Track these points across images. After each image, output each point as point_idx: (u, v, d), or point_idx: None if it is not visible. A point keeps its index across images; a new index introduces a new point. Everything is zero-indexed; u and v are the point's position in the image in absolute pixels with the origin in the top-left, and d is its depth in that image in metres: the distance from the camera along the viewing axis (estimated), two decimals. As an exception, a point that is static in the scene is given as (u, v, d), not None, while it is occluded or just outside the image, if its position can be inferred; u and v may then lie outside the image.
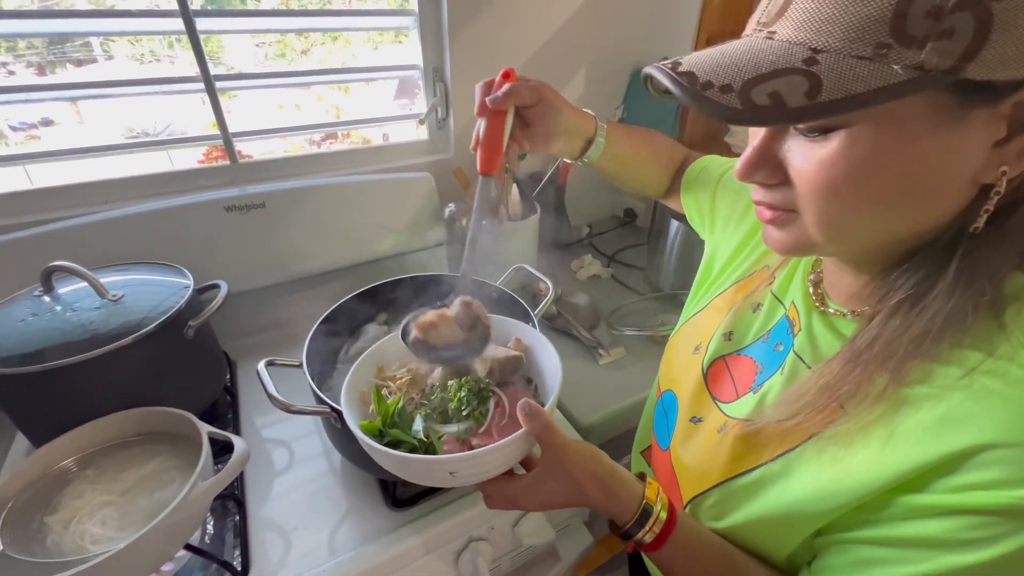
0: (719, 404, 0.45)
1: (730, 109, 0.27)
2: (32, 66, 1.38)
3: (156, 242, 0.78)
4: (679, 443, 0.48)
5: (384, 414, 0.45)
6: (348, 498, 0.65)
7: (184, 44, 0.80)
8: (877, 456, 0.32)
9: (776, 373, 0.41)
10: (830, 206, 0.31)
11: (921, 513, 0.30)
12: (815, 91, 0.26)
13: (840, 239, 0.33)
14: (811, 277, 0.43)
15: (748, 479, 0.39)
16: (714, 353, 0.48)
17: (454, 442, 0.44)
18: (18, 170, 0.88)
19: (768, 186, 0.34)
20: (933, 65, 0.24)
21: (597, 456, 0.42)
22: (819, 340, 0.39)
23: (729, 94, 0.28)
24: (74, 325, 0.58)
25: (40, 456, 0.55)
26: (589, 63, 1.15)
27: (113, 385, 0.59)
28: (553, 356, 0.49)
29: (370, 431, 0.44)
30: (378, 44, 1.22)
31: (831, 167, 0.29)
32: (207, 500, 0.51)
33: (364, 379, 0.50)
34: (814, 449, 0.35)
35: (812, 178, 0.30)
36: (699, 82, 0.29)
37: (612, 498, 0.40)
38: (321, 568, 0.55)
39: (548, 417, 0.40)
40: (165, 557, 0.51)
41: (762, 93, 0.27)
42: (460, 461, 0.40)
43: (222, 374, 0.77)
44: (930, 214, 0.30)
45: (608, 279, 1.13)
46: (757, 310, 0.47)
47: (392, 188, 0.94)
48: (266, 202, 0.84)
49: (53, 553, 0.48)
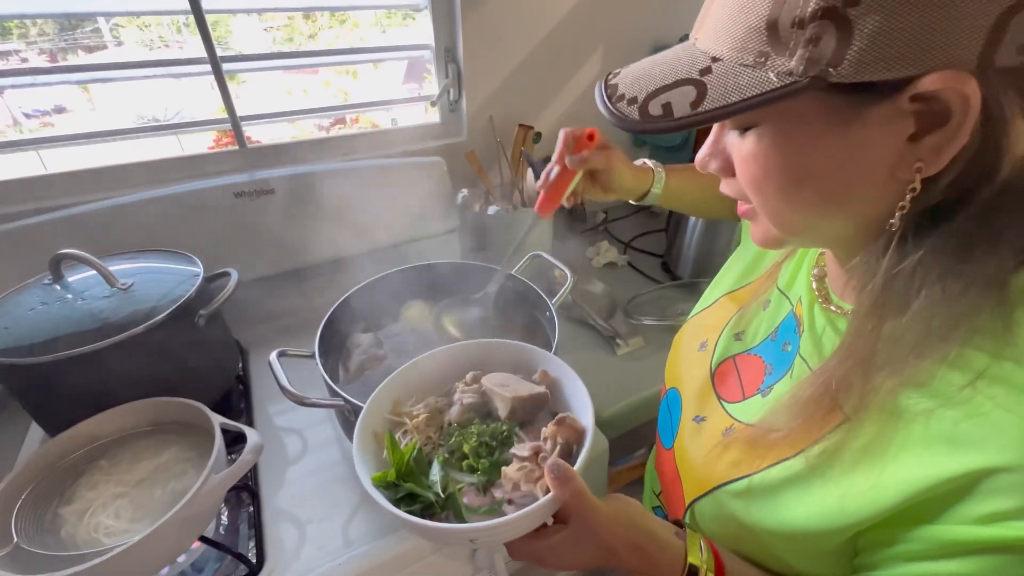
0: (724, 404, 0.44)
1: (629, 120, 0.30)
2: (44, 53, 1.37)
3: (165, 229, 0.77)
4: (683, 443, 0.46)
5: (398, 463, 0.41)
6: (362, 489, 0.63)
7: (192, 29, 0.78)
8: (878, 475, 0.30)
9: (786, 376, 0.40)
10: (761, 199, 0.32)
11: (953, 550, 0.28)
12: (699, 100, 0.28)
13: (792, 231, 0.33)
14: (815, 271, 0.41)
15: (740, 485, 0.37)
16: (723, 353, 0.47)
17: (474, 493, 0.40)
18: (31, 156, 0.87)
19: (726, 177, 0.35)
20: (801, 72, 0.25)
21: (632, 519, 0.38)
22: (822, 340, 0.38)
23: (632, 106, 0.30)
24: (84, 314, 0.57)
25: (54, 446, 0.54)
26: (606, 41, 1.10)
27: (125, 375, 0.58)
28: (581, 390, 0.44)
29: (383, 484, 0.40)
30: (386, 27, 1.19)
31: (749, 162, 0.31)
32: (221, 492, 0.51)
33: (378, 416, 0.45)
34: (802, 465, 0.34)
35: (741, 172, 0.32)
36: (616, 94, 0.31)
37: (650, 563, 0.37)
38: (337, 562, 0.55)
39: (578, 481, 0.36)
40: (180, 550, 0.51)
41: (657, 104, 0.29)
42: (481, 531, 0.36)
43: (234, 363, 0.76)
44: (863, 208, 0.30)
45: (625, 267, 1.10)
46: (766, 307, 0.46)
47: (403, 173, 0.92)
48: (276, 188, 0.82)
49: (68, 545, 0.48)
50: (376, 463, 0.43)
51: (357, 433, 0.42)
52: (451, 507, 0.39)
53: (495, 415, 0.45)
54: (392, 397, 0.47)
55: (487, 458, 0.41)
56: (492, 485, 0.40)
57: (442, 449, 0.43)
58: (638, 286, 1.02)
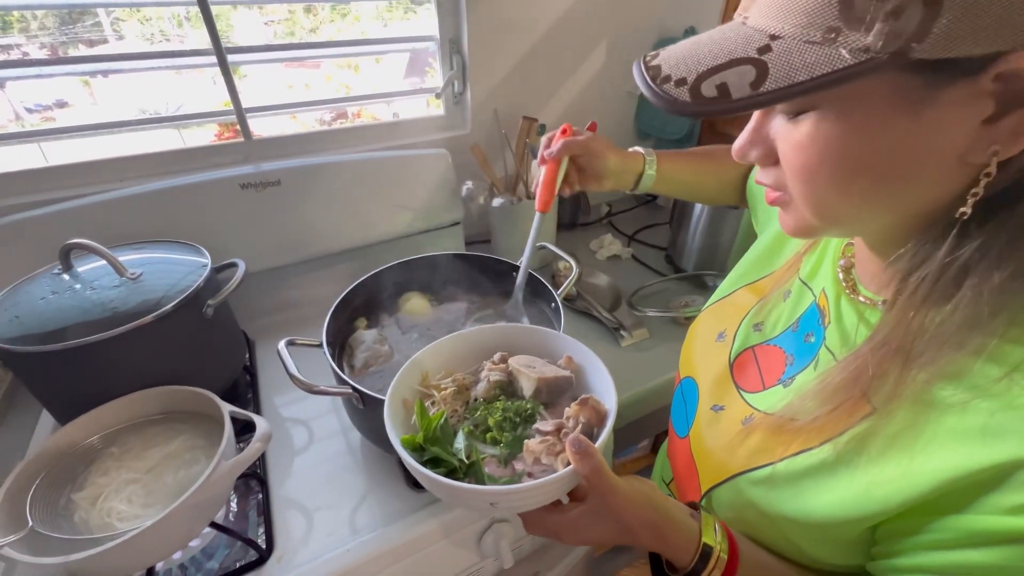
0: (743, 394, 0.44)
1: (679, 102, 0.28)
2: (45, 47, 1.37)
3: (172, 220, 0.78)
4: (700, 432, 0.46)
5: (426, 428, 0.42)
6: (369, 478, 0.64)
7: (194, 22, 0.78)
8: (907, 466, 0.30)
9: (809, 366, 0.39)
10: (809, 189, 0.30)
11: (980, 540, 0.28)
12: (760, 80, 0.26)
13: (833, 221, 0.32)
14: (841, 262, 0.41)
15: (762, 474, 0.37)
16: (742, 343, 0.47)
17: (496, 464, 0.42)
18: (33, 149, 0.87)
19: (764, 166, 0.34)
20: (880, 48, 0.23)
21: (650, 498, 0.38)
22: (849, 331, 0.37)
23: (682, 87, 0.28)
24: (94, 303, 0.57)
25: (66, 433, 0.55)
26: (611, 34, 1.10)
27: (134, 363, 0.59)
28: (605, 377, 0.45)
29: (411, 446, 0.41)
30: (387, 21, 1.18)
31: (803, 150, 0.29)
32: (231, 479, 0.51)
33: (408, 386, 0.47)
34: (831, 453, 0.33)
35: (790, 160, 0.30)
36: (660, 76, 0.29)
37: (665, 542, 0.38)
38: (345, 548, 0.55)
39: (599, 458, 0.37)
40: (191, 535, 0.52)
41: (711, 85, 0.27)
42: (502, 494, 0.37)
43: (241, 353, 0.76)
44: (920, 196, 0.29)
45: (628, 259, 1.10)
46: (787, 297, 0.45)
47: (408, 165, 0.92)
48: (281, 179, 0.82)
49: (81, 529, 0.49)
50: (403, 429, 0.44)
51: (388, 398, 0.44)
52: (474, 474, 0.41)
53: (520, 394, 0.47)
54: (422, 369, 0.49)
55: (510, 432, 0.43)
56: (513, 458, 0.42)
57: (467, 422, 0.45)
58: (642, 278, 1.02)
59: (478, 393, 0.47)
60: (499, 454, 0.42)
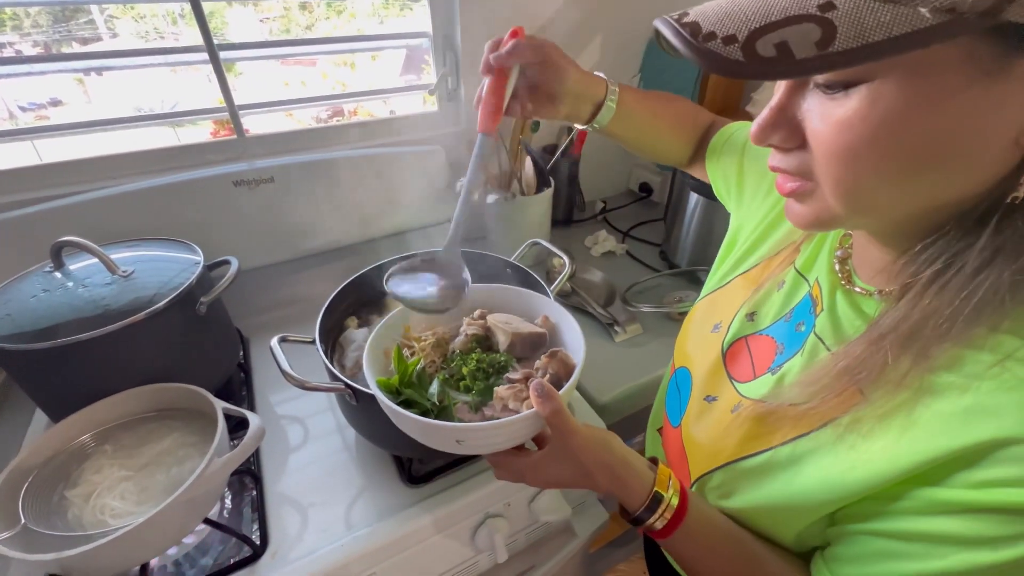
0: (735, 383, 0.44)
1: (731, 62, 0.25)
2: (39, 45, 1.36)
3: (165, 217, 0.77)
4: (691, 421, 0.47)
5: (402, 373, 0.45)
6: (363, 474, 0.64)
7: (188, 20, 0.78)
8: (893, 445, 0.30)
9: (796, 354, 0.40)
10: (848, 173, 0.28)
11: (940, 509, 0.28)
12: (828, 40, 0.23)
13: (863, 210, 0.30)
14: (838, 253, 0.41)
15: (756, 461, 0.38)
16: (736, 333, 0.47)
17: (468, 411, 0.44)
18: (27, 147, 0.87)
19: (785, 150, 0.31)
20: (968, 7, 0.21)
21: (607, 443, 0.40)
22: (842, 320, 0.37)
23: (732, 45, 0.25)
24: (86, 301, 0.57)
25: (58, 431, 0.55)
26: (605, 30, 1.10)
27: (127, 361, 0.59)
28: (578, 336, 0.47)
29: (386, 388, 0.44)
30: (383, 18, 1.18)
31: (849, 128, 0.26)
32: (224, 475, 0.51)
33: (390, 336, 0.50)
34: (831, 436, 0.34)
35: (829, 140, 0.27)
36: (701, 33, 0.26)
37: (621, 485, 0.39)
38: (339, 543, 0.55)
39: (559, 401, 0.39)
40: (185, 531, 0.52)
41: (768, 44, 0.24)
42: (467, 431, 0.40)
43: (235, 351, 0.76)
44: (965, 181, 0.27)
45: (623, 255, 1.10)
46: (781, 287, 0.45)
47: (402, 162, 0.92)
48: (275, 176, 0.82)
49: (74, 527, 0.49)
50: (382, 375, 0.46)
51: (368, 345, 0.47)
52: (445, 417, 0.43)
53: (496, 348, 0.49)
54: (404, 322, 0.51)
55: (483, 381, 0.45)
56: (484, 406, 0.44)
57: (444, 372, 0.47)
58: (636, 274, 1.02)
59: (455, 346, 0.49)
60: (471, 401, 0.44)
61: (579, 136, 1.08)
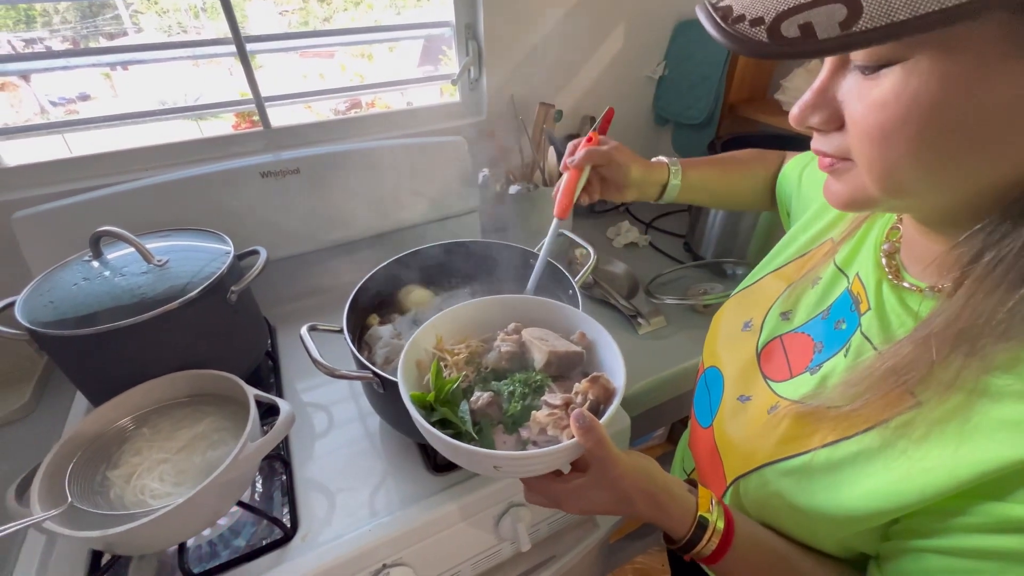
0: (770, 383, 0.43)
1: (755, 43, 0.25)
2: (67, 40, 1.40)
3: (195, 208, 0.79)
4: (724, 421, 0.46)
5: (439, 390, 0.44)
6: (387, 461, 0.65)
7: (210, 14, 0.79)
8: (951, 454, 0.29)
9: (839, 353, 0.38)
10: (882, 154, 0.27)
11: (1008, 527, 0.27)
12: (852, 19, 0.23)
13: (900, 193, 0.29)
14: (885, 247, 0.39)
15: (794, 463, 0.37)
16: (771, 333, 0.46)
17: (502, 432, 0.43)
18: (58, 140, 0.90)
19: (826, 132, 0.31)
20: None
21: (649, 471, 0.39)
22: (891, 318, 0.36)
23: (758, 27, 0.25)
24: (123, 290, 0.59)
25: (100, 414, 0.57)
26: (629, 16, 1.07)
27: (162, 348, 0.60)
28: (616, 356, 0.45)
29: (420, 403, 0.43)
30: (400, 9, 1.18)
31: (882, 109, 0.26)
32: (257, 459, 0.53)
33: (422, 348, 0.48)
34: (877, 440, 0.32)
35: (862, 121, 0.27)
36: (732, 16, 0.26)
37: (663, 513, 0.39)
38: (367, 528, 0.57)
39: (601, 431, 0.38)
40: (220, 512, 0.53)
41: (793, 25, 0.24)
42: (507, 459, 0.39)
43: (264, 339, 0.78)
44: (1009, 166, 0.26)
45: (646, 247, 1.09)
46: (816, 284, 0.44)
47: (425, 152, 0.92)
48: (300, 168, 0.83)
49: (116, 506, 0.51)
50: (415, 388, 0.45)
51: (402, 358, 0.45)
52: (482, 439, 0.42)
53: (530, 365, 0.47)
54: (437, 332, 0.50)
55: (519, 401, 0.44)
56: (520, 426, 0.43)
57: (477, 388, 0.46)
58: (659, 266, 1.01)
59: (488, 362, 0.48)
60: (506, 421, 0.43)
61: (601, 125, 1.07)
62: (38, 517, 0.45)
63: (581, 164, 0.58)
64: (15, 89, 1.29)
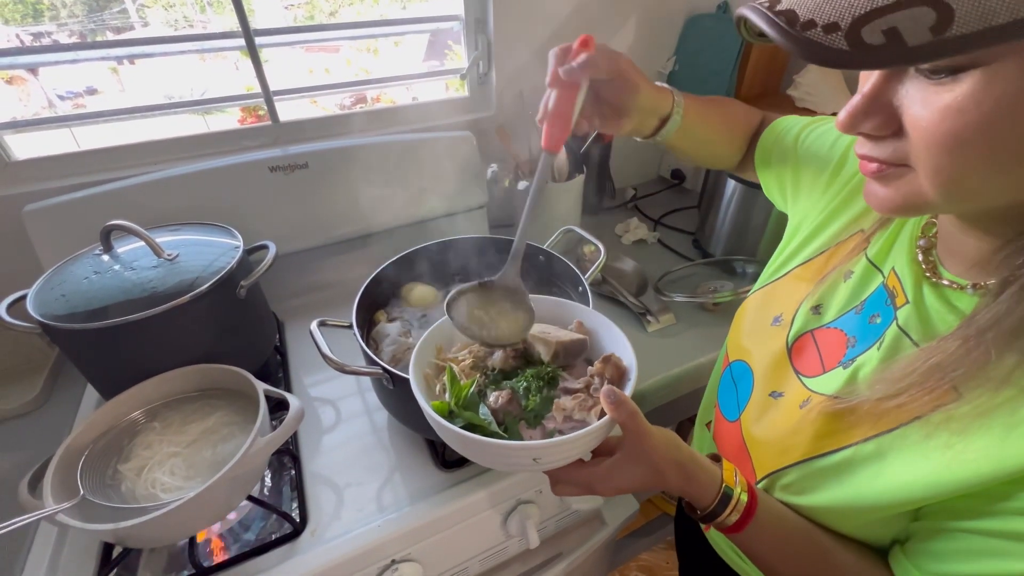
0: (802, 378, 0.42)
1: (835, 51, 0.24)
2: (75, 35, 1.40)
3: (205, 202, 0.79)
4: (754, 417, 0.45)
5: (457, 395, 0.43)
6: (395, 457, 0.65)
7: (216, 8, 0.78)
8: (999, 445, 0.29)
9: (872, 347, 0.38)
10: (953, 161, 0.26)
11: None
12: (944, 24, 0.22)
13: (962, 199, 0.28)
14: (921, 243, 0.38)
15: (835, 459, 0.37)
16: (801, 327, 0.45)
17: (525, 427, 0.43)
18: (65, 133, 0.90)
19: (876, 138, 0.30)
20: None
21: (676, 442, 0.40)
22: (931, 314, 0.35)
23: (834, 33, 0.24)
24: (134, 284, 0.59)
25: (111, 407, 0.57)
26: (640, 10, 1.06)
27: (173, 342, 0.60)
28: (620, 337, 0.46)
29: (440, 412, 0.42)
30: (406, 3, 1.17)
31: (959, 115, 0.25)
32: (267, 454, 0.53)
33: (425, 360, 0.48)
34: (920, 433, 0.32)
35: (934, 128, 0.26)
36: (799, 21, 0.25)
37: (692, 482, 0.39)
38: (376, 523, 0.57)
39: (633, 405, 0.38)
40: (231, 506, 0.53)
41: (875, 31, 0.23)
42: (545, 448, 0.38)
43: (272, 333, 0.78)
44: None
45: (655, 244, 1.08)
46: (848, 278, 0.43)
47: (434, 148, 0.91)
48: (309, 162, 0.83)
49: (128, 499, 0.51)
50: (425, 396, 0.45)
51: (412, 374, 0.45)
52: (511, 436, 0.42)
53: (537, 360, 0.47)
54: (435, 344, 0.49)
55: (536, 395, 0.44)
56: (542, 419, 0.43)
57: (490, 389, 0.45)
58: (669, 263, 1.00)
59: (495, 363, 0.48)
60: (527, 416, 0.43)
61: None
62: (51, 509, 0.45)
63: (581, 75, 0.42)
64: (23, 83, 1.29)
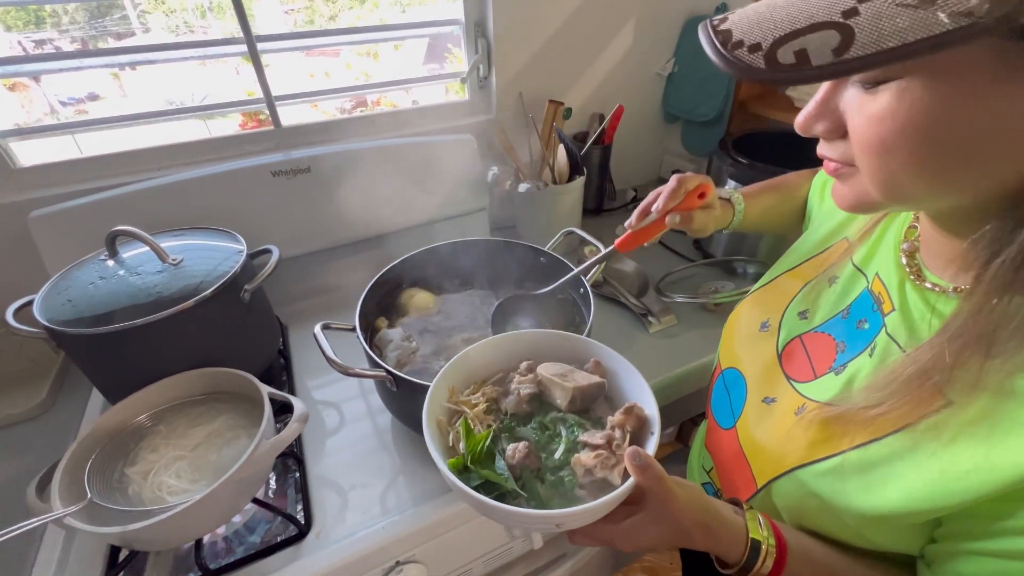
0: (794, 384, 0.43)
1: (753, 69, 0.26)
2: (76, 41, 1.41)
3: (208, 207, 0.79)
4: (750, 424, 0.45)
5: (472, 450, 0.41)
6: (400, 458, 0.66)
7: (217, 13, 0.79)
8: (984, 455, 0.29)
9: (863, 354, 0.38)
10: (882, 164, 0.29)
11: None
12: (844, 46, 0.24)
13: (902, 199, 0.31)
14: (904, 246, 0.39)
15: (825, 466, 0.37)
16: (789, 332, 0.45)
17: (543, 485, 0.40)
18: (68, 140, 0.90)
19: (830, 140, 0.33)
20: (985, 12, 0.21)
21: (702, 502, 0.39)
22: (915, 319, 0.36)
23: (756, 53, 0.26)
24: (139, 288, 0.60)
25: (117, 411, 0.57)
26: (639, 13, 1.07)
27: (178, 346, 0.61)
28: (639, 381, 0.44)
29: (455, 469, 0.39)
30: (405, 7, 1.18)
31: (880, 123, 0.27)
32: (271, 457, 0.53)
33: (439, 405, 0.45)
34: (908, 441, 0.32)
35: (862, 133, 0.29)
36: (731, 41, 0.28)
37: (717, 541, 0.38)
38: (380, 525, 0.57)
39: (659, 469, 0.37)
40: (236, 509, 0.54)
41: (789, 51, 0.25)
42: (569, 515, 0.36)
43: (276, 337, 0.78)
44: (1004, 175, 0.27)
45: (655, 245, 1.08)
46: (834, 283, 0.44)
47: (435, 151, 0.92)
48: (311, 166, 0.83)
49: (135, 502, 0.51)
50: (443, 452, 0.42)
51: (426, 423, 0.42)
52: (529, 494, 0.39)
53: (552, 404, 0.45)
54: (448, 385, 0.47)
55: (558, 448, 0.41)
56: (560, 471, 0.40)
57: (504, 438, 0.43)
58: (670, 264, 1.00)
59: (508, 407, 0.45)
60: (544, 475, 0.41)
61: (610, 124, 1.06)
62: (59, 513, 0.46)
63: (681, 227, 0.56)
64: (26, 89, 1.30)
